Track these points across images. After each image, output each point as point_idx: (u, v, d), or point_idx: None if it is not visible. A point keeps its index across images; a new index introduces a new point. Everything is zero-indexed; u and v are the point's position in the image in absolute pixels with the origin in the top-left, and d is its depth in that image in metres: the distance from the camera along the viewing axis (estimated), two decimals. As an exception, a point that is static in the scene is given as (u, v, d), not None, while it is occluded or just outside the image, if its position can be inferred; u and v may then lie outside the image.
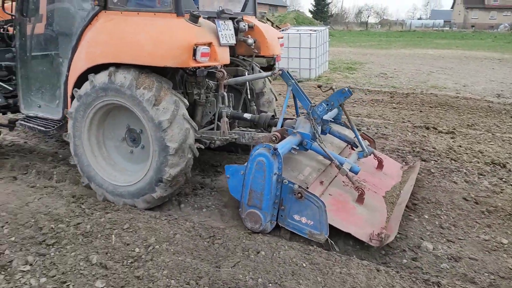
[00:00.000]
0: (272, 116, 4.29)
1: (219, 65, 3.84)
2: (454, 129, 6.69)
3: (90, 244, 3.10)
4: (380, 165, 4.34)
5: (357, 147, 4.09)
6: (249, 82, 4.62)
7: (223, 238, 3.21)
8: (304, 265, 2.86)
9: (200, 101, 4.14)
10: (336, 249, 3.16)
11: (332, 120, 4.17)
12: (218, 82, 4.01)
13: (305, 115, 3.81)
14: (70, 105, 3.89)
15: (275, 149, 3.22)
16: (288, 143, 3.52)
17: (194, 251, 3.05)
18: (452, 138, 6.25)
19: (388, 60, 17.49)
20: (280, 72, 3.96)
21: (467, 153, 5.49)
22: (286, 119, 4.10)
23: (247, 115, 4.34)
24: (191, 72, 4.00)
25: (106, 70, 3.62)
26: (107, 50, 3.62)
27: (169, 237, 3.20)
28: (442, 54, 20.05)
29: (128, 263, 2.90)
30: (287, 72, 3.98)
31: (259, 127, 4.31)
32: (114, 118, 3.93)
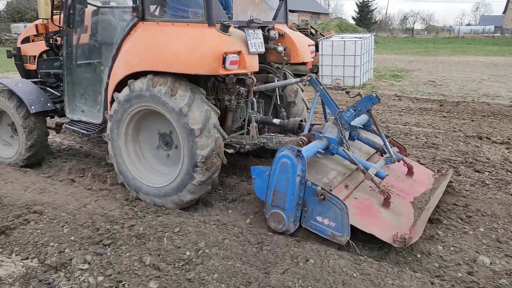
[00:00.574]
0: (300, 121, 4.36)
1: (249, 72, 3.95)
2: (510, 139, 6.38)
3: (143, 246, 3.21)
4: (410, 172, 4.30)
5: (386, 154, 4.08)
6: (279, 89, 4.69)
7: (271, 245, 3.23)
8: (355, 275, 2.82)
9: (231, 107, 4.31)
10: (358, 252, 3.15)
11: (361, 126, 4.18)
12: (248, 89, 4.13)
13: (333, 121, 3.86)
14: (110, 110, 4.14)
15: (299, 151, 3.29)
16: (314, 147, 3.60)
17: (243, 257, 3.08)
18: (508, 149, 5.97)
19: (436, 68, 16.96)
20: (309, 79, 4.04)
21: (525, 165, 5.23)
22: (314, 125, 4.18)
23: (276, 121, 4.45)
24: (222, 79, 4.14)
25: (144, 77, 3.81)
26: (143, 59, 3.82)
27: (218, 242, 3.26)
28: (494, 61, 19.19)
29: (180, 266, 2.97)
30: (316, 79, 4.04)
31: (288, 132, 4.41)
32: (149, 123, 4.13)
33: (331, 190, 3.37)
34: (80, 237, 3.29)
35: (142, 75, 3.83)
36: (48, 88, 5.12)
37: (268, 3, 4.99)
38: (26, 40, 5.42)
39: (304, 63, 4.67)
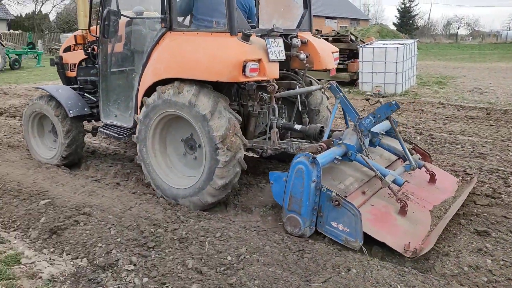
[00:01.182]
0: (321, 128, 4.42)
1: (271, 79, 4.07)
2: None
3: (186, 250, 3.28)
4: (432, 179, 4.24)
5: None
6: (302, 96, 4.76)
7: (313, 253, 3.21)
8: (399, 287, 2.76)
9: (253, 113, 4.45)
10: (369, 257, 3.13)
11: (384, 133, 4.21)
12: (270, 95, 4.25)
13: (353, 127, 3.92)
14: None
15: (314, 158, 3.37)
16: (331, 154, 3.67)
17: (284, 264, 3.08)
18: (562, 160, 5.66)
19: (482, 74, 16.32)
20: (329, 85, 4.14)
21: None
22: (335, 131, 4.29)
23: (298, 127, 4.55)
24: (243, 86, 4.25)
25: (172, 84, 4.00)
26: (170, 67, 4.05)
27: (259, 248, 3.28)
28: (546, 67, 18.28)
29: (221, 270, 3.01)
30: (336, 86, 4.13)
31: (309, 138, 4.48)
32: (175, 127, 4.31)
33: (346, 196, 3.43)
34: (126, 239, 3.40)
35: (171, 82, 4.03)
36: (86, 94, 5.47)
37: (293, 12, 5.14)
38: (68, 49, 5.83)
39: (327, 70, 4.78)
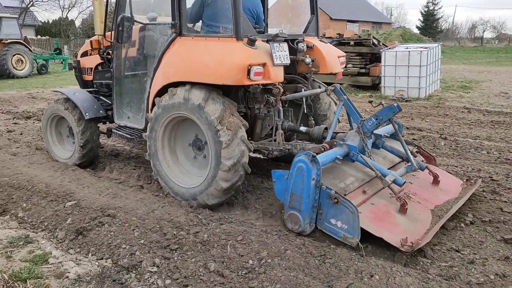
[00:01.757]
0: (325, 129, 4.52)
1: (276, 82, 4.19)
2: None
3: (208, 252, 3.31)
4: (436, 181, 4.31)
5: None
6: (308, 98, 4.86)
7: (334, 258, 3.20)
8: (423, 294, 2.72)
9: (260, 115, 4.56)
10: (363, 254, 3.22)
11: (387, 135, 4.33)
12: (276, 98, 4.36)
13: (356, 129, 4.05)
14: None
15: (314, 157, 3.48)
16: (332, 154, 3.79)
17: (306, 268, 3.08)
18: None
19: (509, 78, 15.93)
20: (333, 88, 4.27)
21: None
22: (338, 133, 4.41)
23: (303, 128, 4.65)
24: (249, 89, 4.36)
25: (183, 87, 4.13)
26: (178, 70, 4.22)
27: (281, 252, 3.28)
28: None
29: (243, 274, 3.03)
30: (340, 89, 4.26)
31: (314, 140, 4.58)
32: (184, 129, 4.47)
33: (346, 195, 3.51)
34: (149, 241, 3.46)
35: (182, 85, 4.16)
36: (101, 97, 5.64)
37: (301, 17, 5.26)
38: (85, 54, 6.03)
39: (334, 74, 4.88)
